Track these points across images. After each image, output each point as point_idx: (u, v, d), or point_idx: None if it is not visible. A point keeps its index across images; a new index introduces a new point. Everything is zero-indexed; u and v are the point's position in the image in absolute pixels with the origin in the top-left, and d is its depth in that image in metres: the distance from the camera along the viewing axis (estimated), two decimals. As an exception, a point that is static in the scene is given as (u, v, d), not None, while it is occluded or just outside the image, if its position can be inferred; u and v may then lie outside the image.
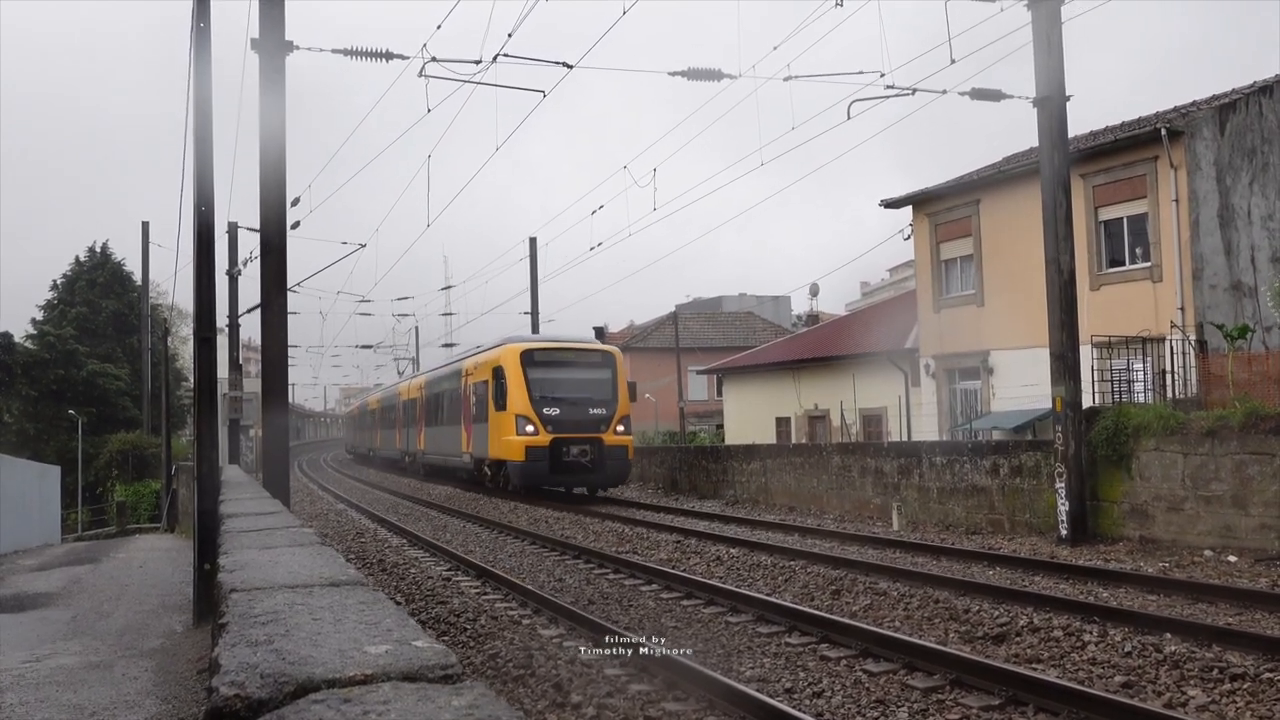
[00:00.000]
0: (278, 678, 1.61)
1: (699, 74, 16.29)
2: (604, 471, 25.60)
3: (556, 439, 25.04)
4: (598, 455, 25.31)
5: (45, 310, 53.71)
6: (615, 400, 26.33)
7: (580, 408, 25.74)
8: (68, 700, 7.62)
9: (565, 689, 7.45)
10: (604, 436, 25.54)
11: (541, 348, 27.03)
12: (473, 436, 29.54)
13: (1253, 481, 13.50)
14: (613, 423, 25.85)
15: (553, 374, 26.24)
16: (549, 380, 26.00)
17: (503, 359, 26.54)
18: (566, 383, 26.18)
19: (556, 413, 25.40)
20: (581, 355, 27.39)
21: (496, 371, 26.63)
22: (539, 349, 26.85)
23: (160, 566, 17.74)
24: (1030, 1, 15.80)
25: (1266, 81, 23.70)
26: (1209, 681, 7.16)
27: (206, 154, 11.54)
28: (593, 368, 27.00)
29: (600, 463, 25.30)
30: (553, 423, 25.18)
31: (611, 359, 27.33)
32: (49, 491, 30.57)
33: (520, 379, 25.74)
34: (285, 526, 4.74)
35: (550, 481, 25.80)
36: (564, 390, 25.93)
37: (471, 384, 29.82)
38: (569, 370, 26.62)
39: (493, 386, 26.77)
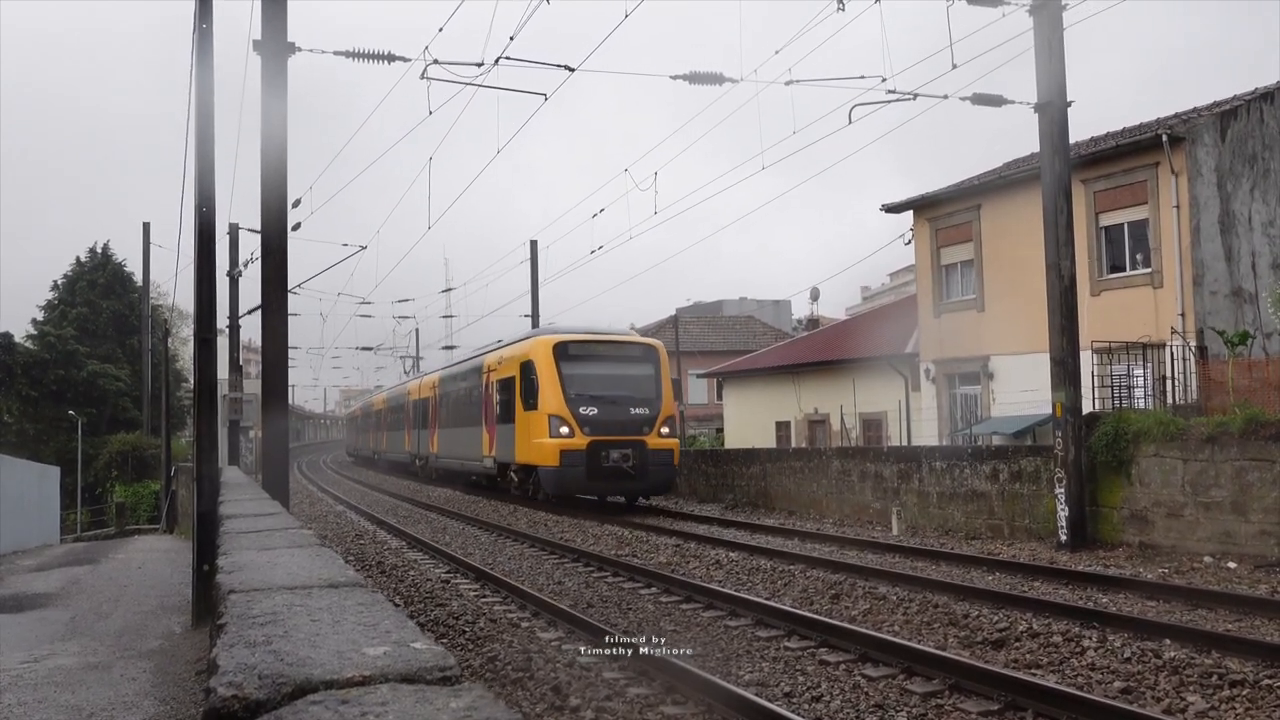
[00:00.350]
0: (276, 679, 1.60)
1: (701, 78, 16.30)
2: (647, 478, 22.98)
3: (594, 442, 22.46)
4: (640, 460, 22.71)
5: (46, 310, 53.73)
6: (659, 399, 23.79)
7: (620, 407, 23.18)
8: (66, 701, 7.61)
9: (564, 692, 7.45)
10: (647, 439, 22.93)
11: (577, 340, 24.32)
12: (496, 439, 26.92)
13: (1252, 488, 13.49)
14: (656, 424, 23.30)
15: (589, 369, 23.81)
16: (585, 376, 23.52)
17: (533, 353, 24.11)
18: (605, 379, 23.72)
19: (594, 413, 22.85)
20: (620, 349, 24.73)
21: (525, 367, 24.29)
22: (574, 341, 24.15)
23: (159, 567, 17.74)
24: (1032, 7, 15.80)
25: (1268, 88, 23.72)
26: (1208, 688, 7.15)
27: (208, 155, 11.55)
28: (633, 363, 24.43)
29: (643, 468, 22.72)
30: (590, 424, 22.66)
31: (654, 353, 24.69)
32: (48, 492, 30.57)
33: (553, 375, 23.22)
34: (284, 528, 4.74)
35: (587, 489, 23.40)
36: (602, 388, 23.45)
37: (495, 381, 27.19)
38: (607, 365, 24.17)
39: (521, 383, 24.43)
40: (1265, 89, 23.69)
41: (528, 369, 24.10)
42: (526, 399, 23.96)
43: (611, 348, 24.64)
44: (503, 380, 26.25)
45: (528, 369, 24.10)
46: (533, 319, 40.94)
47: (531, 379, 23.73)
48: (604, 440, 22.52)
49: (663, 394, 23.94)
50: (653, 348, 24.90)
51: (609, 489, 23.63)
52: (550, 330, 25.47)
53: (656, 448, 23.04)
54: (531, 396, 23.60)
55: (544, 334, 24.97)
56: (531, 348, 24.36)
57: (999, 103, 17.03)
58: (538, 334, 25.28)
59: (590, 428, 22.62)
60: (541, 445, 22.92)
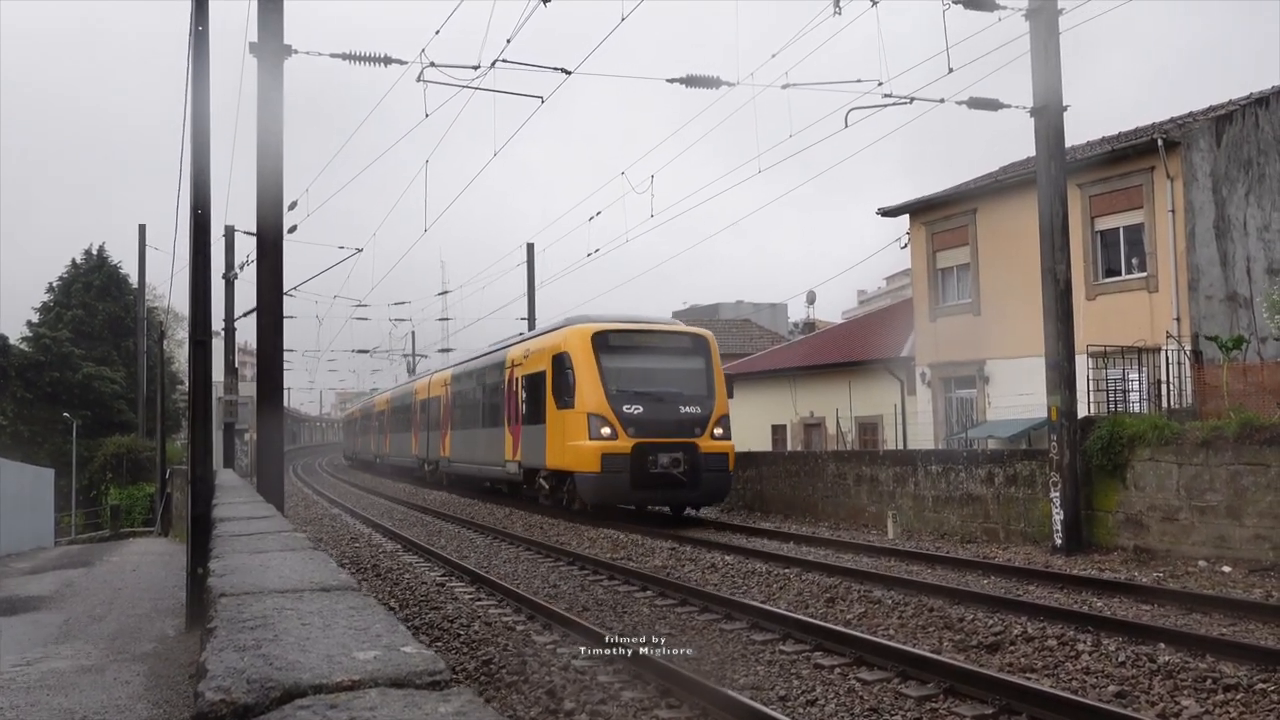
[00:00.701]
0: (264, 683, 1.60)
1: (697, 81, 16.31)
2: (699, 486, 20.43)
3: (640, 445, 19.95)
4: (692, 465, 20.23)
5: (41, 312, 53.68)
6: (711, 396, 21.28)
7: (669, 405, 20.74)
8: (59, 704, 7.59)
9: (559, 695, 7.43)
10: (699, 442, 20.46)
11: (618, 329, 21.74)
12: (522, 442, 24.27)
13: (1247, 492, 13.51)
14: (709, 425, 20.84)
15: (633, 362, 21.29)
16: (629, 370, 21.01)
17: (568, 343, 21.47)
18: (651, 374, 21.26)
19: (639, 411, 20.32)
20: (667, 339, 22.09)
21: (559, 360, 21.68)
22: (615, 330, 21.60)
23: (153, 570, 17.71)
24: (1028, 11, 15.83)
25: (1263, 93, 23.77)
26: (1202, 692, 7.15)
27: (204, 157, 11.54)
28: (682, 355, 21.92)
29: (695, 475, 20.21)
30: (635, 424, 20.18)
31: (704, 344, 22.10)
32: (42, 494, 30.52)
33: (593, 368, 20.67)
34: (278, 531, 4.73)
35: (631, 498, 20.81)
36: (648, 383, 20.99)
37: (521, 377, 24.48)
38: (653, 358, 21.63)
39: (553, 378, 21.89)
40: (1260, 94, 23.74)
41: (562, 362, 21.50)
42: (560, 396, 21.44)
43: (657, 338, 22.03)
44: (530, 376, 23.74)
45: (562, 362, 21.50)
46: (529, 321, 40.92)
47: (566, 373, 21.17)
48: (651, 443, 20.08)
49: (715, 390, 21.42)
50: (703, 338, 22.35)
51: (656, 499, 21.09)
52: (586, 318, 22.47)
53: (710, 451, 20.58)
54: (567, 393, 21.07)
55: (579, 322, 22.14)
56: (566, 338, 21.68)
57: (995, 107, 17.06)
58: (572, 322, 22.39)
59: (635, 429, 20.18)
60: (579, 449, 20.35)
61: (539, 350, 23.36)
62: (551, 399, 21.83)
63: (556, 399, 21.56)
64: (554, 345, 22.21)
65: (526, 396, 23.91)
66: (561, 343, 21.79)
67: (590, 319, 22.23)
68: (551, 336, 22.94)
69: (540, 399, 22.63)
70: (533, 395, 23.41)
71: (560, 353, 21.65)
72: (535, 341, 24.34)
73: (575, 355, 21.03)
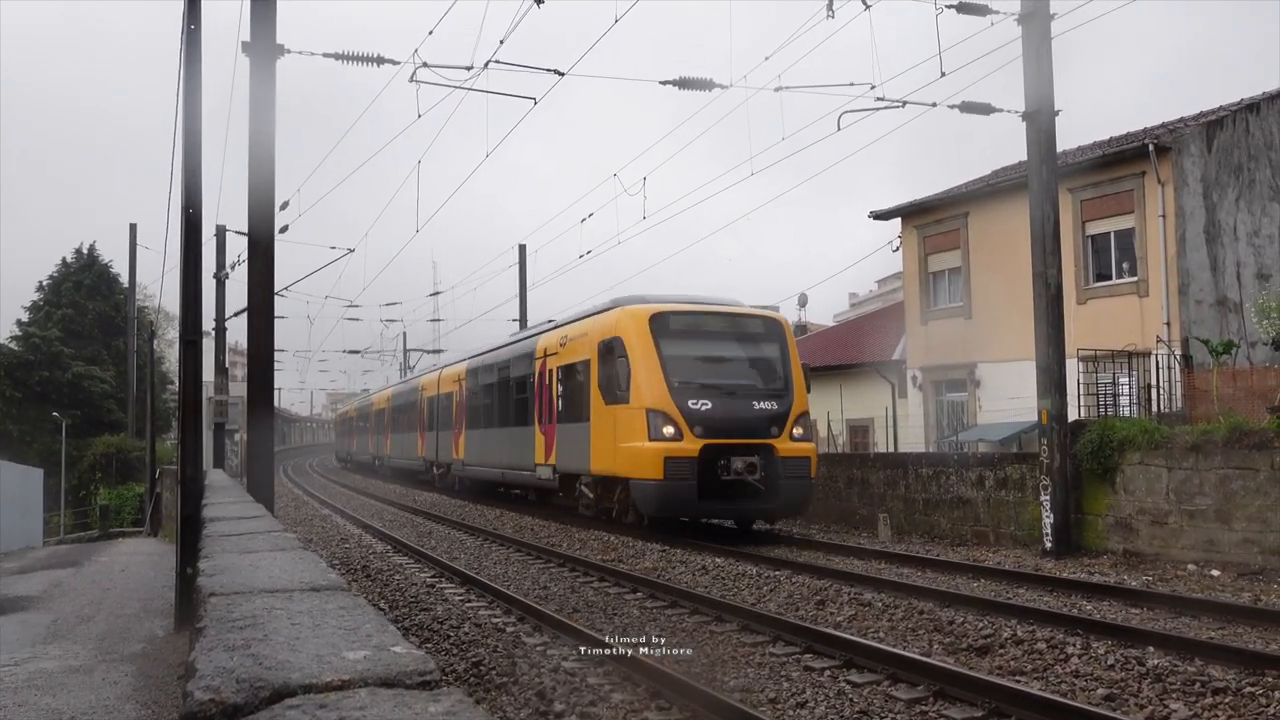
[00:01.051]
0: (254, 683, 1.59)
1: (690, 83, 16.33)
2: (777, 495, 17.31)
3: (710, 447, 16.98)
4: (769, 471, 17.20)
5: (31, 311, 53.51)
6: (789, 390, 18.20)
7: (741, 401, 17.71)
8: (47, 704, 7.56)
9: (548, 697, 7.43)
10: (776, 443, 17.43)
11: (680, 310, 18.77)
12: (558, 443, 21.32)
13: (1236, 496, 13.56)
14: (788, 423, 17.76)
15: (700, 349, 18.37)
16: (695, 360, 18.09)
17: (620, 327, 18.42)
18: (720, 364, 18.39)
19: (707, 408, 17.30)
20: (736, 323, 18.98)
21: (608, 347, 18.71)
22: (677, 312, 18.63)
23: (142, 570, 17.65)
24: (1021, 16, 15.88)
25: (1254, 99, 23.88)
26: (1191, 695, 7.17)
27: (195, 156, 11.51)
28: (754, 341, 18.86)
29: (772, 482, 17.17)
30: (703, 423, 17.16)
31: (779, 329, 19.09)
32: (31, 494, 30.42)
33: (652, 356, 17.64)
34: (267, 531, 4.72)
35: (698, 510, 17.73)
36: (717, 374, 18.08)
37: (556, 369, 21.66)
38: (721, 344, 18.67)
39: (600, 369, 19.01)
40: (1251, 100, 23.86)
41: (613, 349, 18.51)
42: (610, 389, 18.47)
43: (724, 321, 18.95)
44: (569, 367, 20.93)
45: (613, 349, 18.51)
46: (520, 322, 40.90)
47: (619, 362, 18.17)
48: (721, 444, 17.11)
49: (794, 383, 18.35)
50: (777, 322, 19.37)
51: (726, 510, 18.10)
52: (638, 298, 19.45)
53: (789, 455, 17.51)
54: (619, 385, 18.07)
55: (631, 303, 19.16)
56: (618, 321, 18.65)
57: (987, 111, 17.11)
58: (621, 303, 19.44)
59: (703, 428, 17.15)
60: (636, 451, 17.32)
61: (580, 337, 20.50)
62: (597, 392, 19.04)
63: (605, 393, 18.71)
64: (602, 330, 19.24)
65: (563, 390, 21.20)
66: (612, 326, 18.74)
67: (643, 299, 19.35)
68: (597, 320, 19.87)
69: (582, 393, 19.94)
70: (571, 389, 20.72)
71: (610, 339, 18.66)
72: (575, 327, 21.26)
73: (630, 341, 17.99)
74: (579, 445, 19.85)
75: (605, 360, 18.75)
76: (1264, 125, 23.55)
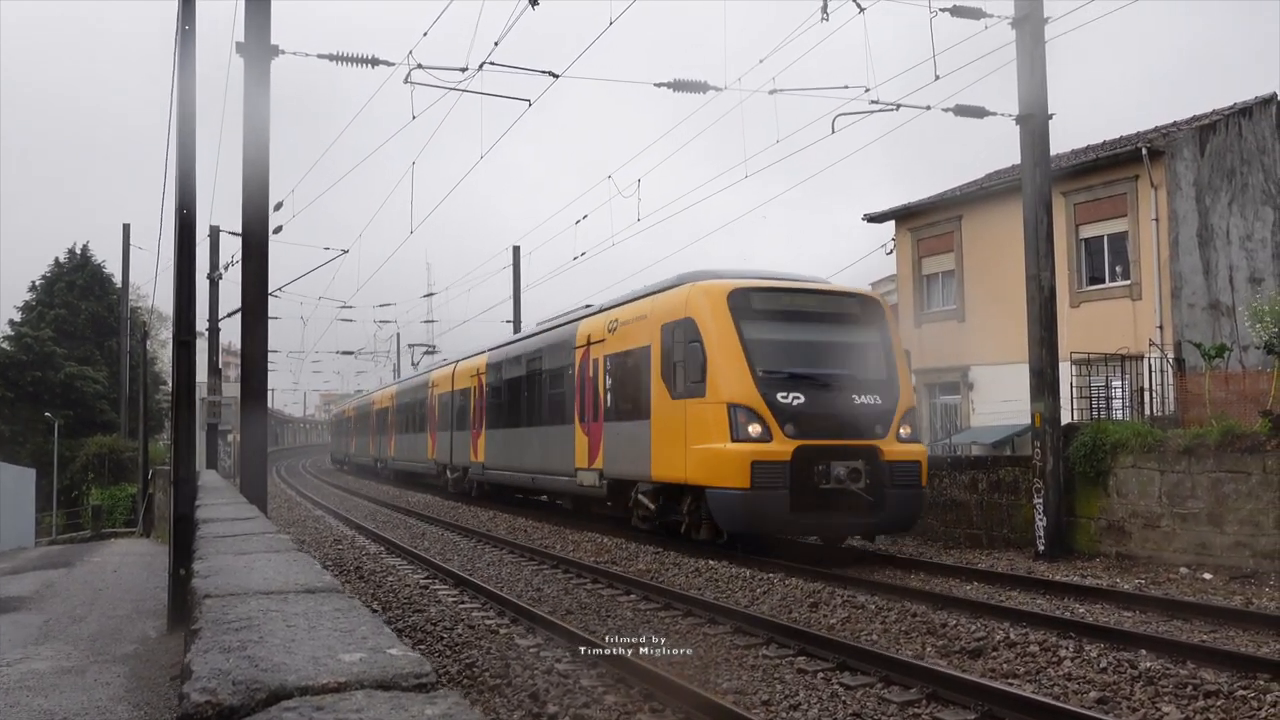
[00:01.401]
0: (250, 685, 1.60)
1: (685, 85, 16.34)
2: (884, 506, 14.51)
3: (804, 449, 14.24)
4: (875, 478, 14.46)
5: (23, 311, 53.39)
6: (894, 382, 15.50)
7: (839, 394, 14.95)
8: (39, 705, 7.54)
9: (541, 699, 7.43)
10: (881, 445, 14.71)
11: (763, 287, 15.99)
12: (606, 444, 18.39)
13: (1228, 499, 13.60)
14: (894, 422, 15.02)
15: (788, 333, 15.54)
16: (783, 345, 15.32)
17: (693, 306, 15.62)
18: (813, 349, 15.51)
19: (800, 402, 14.57)
20: (829, 302, 16.23)
21: (676, 331, 15.89)
22: (760, 289, 15.85)
23: (135, 571, 17.61)
24: (1014, 20, 15.92)
25: (1247, 103, 23.96)
26: (1183, 698, 7.20)
27: (189, 156, 11.51)
28: (849, 325, 16.00)
29: (879, 491, 14.44)
30: (796, 420, 14.45)
31: (877, 311, 16.33)
32: (23, 494, 30.36)
33: (733, 341, 14.89)
34: (261, 532, 4.71)
35: (792, 525, 14.74)
36: (809, 363, 15.25)
37: (603, 358, 18.81)
38: (812, 328, 15.81)
39: (663, 357, 16.26)
40: (1244, 104, 23.94)
41: (682, 333, 15.74)
42: (678, 380, 15.72)
43: (815, 300, 16.16)
44: (621, 355, 18.08)
45: (682, 333, 15.74)
46: (514, 324, 40.89)
47: (691, 349, 15.38)
48: (819, 446, 14.37)
49: (898, 374, 15.67)
50: (875, 302, 16.60)
51: (825, 525, 15.13)
52: (709, 274, 16.62)
53: (897, 458, 14.77)
54: (690, 376, 15.33)
55: (700, 279, 16.33)
56: (690, 299, 15.80)
57: (981, 114, 17.14)
58: (689, 279, 16.58)
59: (796, 426, 14.43)
60: (715, 454, 14.54)
61: (636, 320, 17.59)
62: (660, 385, 16.28)
63: (671, 384, 15.97)
64: (667, 311, 16.46)
65: (613, 383, 18.28)
66: (681, 306, 15.94)
67: (715, 274, 16.59)
68: (660, 300, 17.04)
69: (639, 386, 17.12)
70: (625, 381, 17.83)
71: (679, 321, 15.85)
72: (629, 309, 18.27)
73: (705, 323, 15.21)
74: (635, 447, 16.99)
75: (671, 346, 16.01)
76: (1256, 130, 23.63)
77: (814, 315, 15.95)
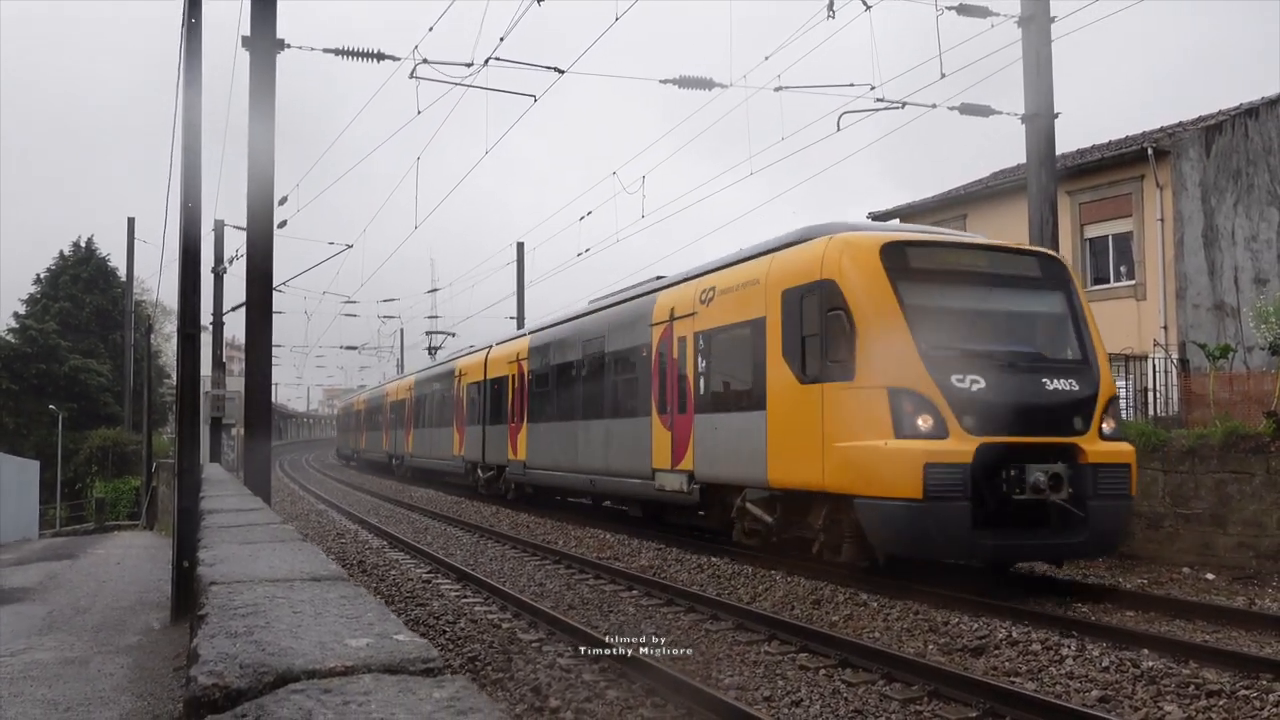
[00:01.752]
0: (257, 668, 1.60)
1: (690, 82, 16.34)
2: (1088, 523, 11.17)
3: (989, 448, 10.96)
4: (1079, 486, 11.21)
5: (28, 304, 53.53)
6: (1090, 363, 12.15)
7: (1028, 378, 11.62)
8: (42, 695, 7.57)
9: (544, 692, 7.44)
10: (1082, 443, 11.41)
11: (924, 241, 12.75)
12: (697, 441, 15.07)
13: (1232, 500, 13.59)
14: (1096, 414, 11.68)
15: (958, 299, 12.17)
16: (956, 315, 11.95)
17: (833, 264, 12.09)
18: (992, 322, 12.34)
19: (980, 388, 11.17)
20: (1005, 262, 12.82)
21: (807, 296, 12.47)
22: (919, 243, 12.53)
23: (138, 563, 17.64)
24: (1021, 19, 15.90)
25: (1253, 104, 23.92)
26: (1185, 698, 7.19)
27: (195, 151, 11.52)
28: (1033, 291, 12.69)
29: (1082, 502, 11.18)
30: (978, 411, 11.06)
31: (1065, 274, 12.90)
32: (27, 486, 30.41)
33: (892, 308, 11.52)
34: (266, 523, 4.73)
35: (974, 548, 11.18)
36: (989, 338, 12.00)
37: (693, 335, 15.42)
38: (988, 294, 12.44)
39: (785, 330, 12.89)
40: (1250, 104, 23.90)
41: (817, 299, 12.23)
42: (813, 359, 12.29)
43: (986, 258, 12.71)
44: (720, 332, 14.71)
45: (817, 299, 12.23)
46: (518, 320, 40.90)
47: (832, 317, 11.91)
48: (1009, 445, 11.05)
49: (1095, 353, 12.28)
50: (1060, 264, 13.08)
51: (1018, 549, 11.69)
52: (851, 226, 13.45)
53: (1102, 460, 11.44)
54: (834, 352, 11.83)
55: (840, 231, 12.85)
56: (828, 255, 12.21)
57: (986, 113, 17.13)
58: (821, 232, 13.01)
59: (977, 419, 10.98)
60: (871, 454, 11.14)
61: (744, 287, 14.14)
62: (782, 366, 12.90)
63: (798, 365, 12.56)
64: (794, 272, 12.90)
65: (710, 366, 14.98)
66: (814, 265, 12.41)
67: (855, 227, 13.55)
68: (782, 260, 13.40)
69: (748, 368, 13.84)
70: (727, 362, 14.58)
71: (813, 284, 12.33)
72: (732, 273, 14.76)
73: (853, 285, 11.76)
74: (742, 444, 13.75)
75: (799, 316, 12.61)
76: (1263, 130, 23.59)
77: (988, 277, 12.51)
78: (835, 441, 11.72)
